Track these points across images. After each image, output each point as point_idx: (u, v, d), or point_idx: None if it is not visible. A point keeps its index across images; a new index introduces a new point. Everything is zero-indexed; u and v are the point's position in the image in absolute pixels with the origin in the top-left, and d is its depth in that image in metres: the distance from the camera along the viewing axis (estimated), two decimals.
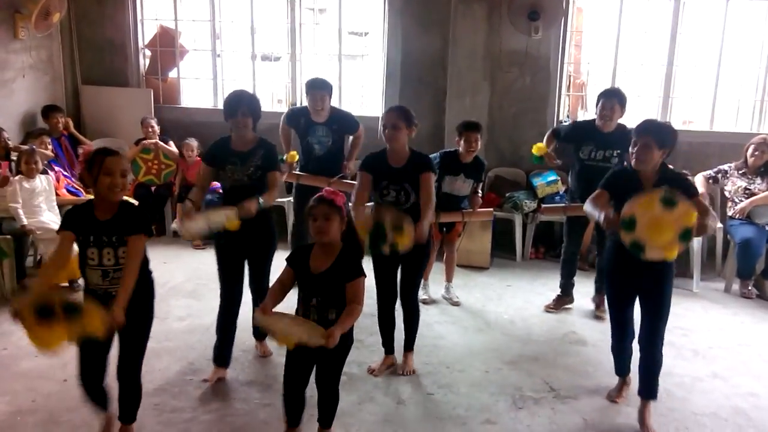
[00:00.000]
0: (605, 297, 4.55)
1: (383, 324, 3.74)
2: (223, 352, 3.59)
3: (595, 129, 4.45)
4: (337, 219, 2.59)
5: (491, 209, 4.90)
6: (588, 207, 3.13)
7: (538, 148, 4.60)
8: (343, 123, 4.93)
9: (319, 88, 4.74)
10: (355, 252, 2.67)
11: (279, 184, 3.55)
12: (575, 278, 4.78)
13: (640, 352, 3.23)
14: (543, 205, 5.29)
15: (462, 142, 4.44)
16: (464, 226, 4.95)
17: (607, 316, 3.48)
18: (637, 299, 3.22)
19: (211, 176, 3.56)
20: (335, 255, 2.62)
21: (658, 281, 3.10)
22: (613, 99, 4.35)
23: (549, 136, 4.78)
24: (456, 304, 4.83)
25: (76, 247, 2.65)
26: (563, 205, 4.56)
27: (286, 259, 2.73)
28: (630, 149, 3.07)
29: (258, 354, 3.87)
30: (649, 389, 3.21)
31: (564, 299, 4.77)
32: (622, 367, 3.47)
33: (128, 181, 2.65)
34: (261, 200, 3.28)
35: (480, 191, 4.72)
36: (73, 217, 2.64)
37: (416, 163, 3.46)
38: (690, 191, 2.98)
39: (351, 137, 5.11)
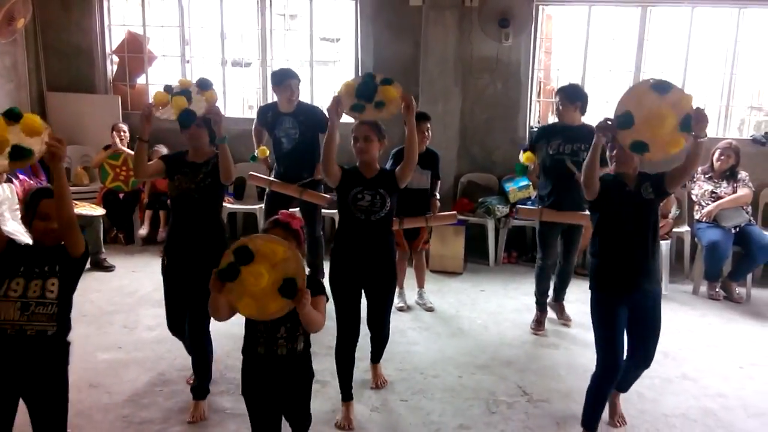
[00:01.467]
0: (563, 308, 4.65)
1: (342, 364, 3.27)
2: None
3: (560, 126, 4.48)
4: (292, 242, 2.35)
5: (454, 212, 4.85)
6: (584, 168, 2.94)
7: (528, 157, 4.55)
8: (310, 116, 4.84)
9: (291, 77, 4.76)
10: (316, 270, 2.56)
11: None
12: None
13: (628, 365, 3.09)
14: (519, 206, 5.30)
15: None
16: (429, 232, 4.94)
17: (572, 322, 3.38)
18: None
19: (157, 168, 3.37)
20: None
21: (654, 298, 3.02)
22: (559, 94, 4.42)
23: (528, 153, 4.62)
24: (430, 309, 4.83)
25: None
26: (540, 208, 4.54)
27: None
28: (608, 153, 3.03)
29: (224, 366, 3.79)
30: (626, 387, 3.30)
31: (542, 316, 4.62)
32: (592, 419, 3.05)
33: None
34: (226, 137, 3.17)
35: (437, 193, 4.70)
36: (15, 249, 2.40)
37: (389, 177, 3.28)
38: (663, 177, 2.96)
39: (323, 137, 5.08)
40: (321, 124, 4.67)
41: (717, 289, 5.31)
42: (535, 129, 5.73)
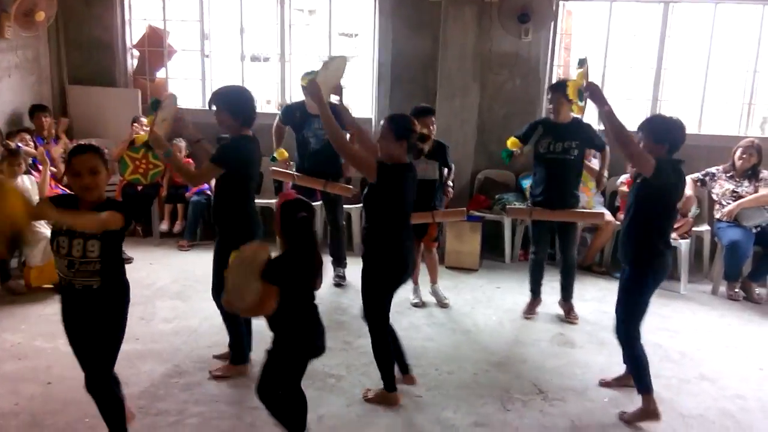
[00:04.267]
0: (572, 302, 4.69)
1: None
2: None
3: (550, 123, 4.49)
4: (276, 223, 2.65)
5: (463, 209, 4.82)
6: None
7: (513, 142, 4.56)
8: (339, 116, 4.88)
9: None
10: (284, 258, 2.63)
11: (205, 177, 3.59)
12: (577, 281, 4.77)
13: None
14: (507, 206, 5.29)
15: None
16: (439, 230, 4.90)
17: (579, 321, 4.15)
18: None
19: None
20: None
21: (626, 276, 3.31)
22: (557, 92, 4.37)
23: (513, 139, 4.67)
24: (445, 305, 4.81)
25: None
26: (529, 207, 4.60)
27: None
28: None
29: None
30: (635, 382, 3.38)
31: (535, 302, 4.74)
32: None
33: (103, 177, 2.57)
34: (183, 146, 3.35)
35: (451, 182, 4.70)
36: (57, 200, 2.57)
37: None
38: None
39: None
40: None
41: (736, 290, 5.24)
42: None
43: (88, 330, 2.63)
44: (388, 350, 3.37)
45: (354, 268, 4.49)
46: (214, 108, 3.44)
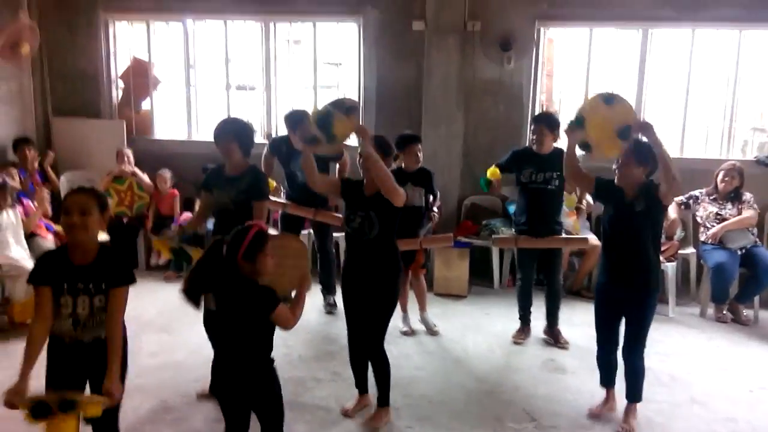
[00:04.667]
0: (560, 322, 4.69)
1: (354, 364, 3.61)
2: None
3: (532, 153, 4.56)
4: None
5: (450, 235, 4.84)
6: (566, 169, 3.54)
7: (492, 172, 4.63)
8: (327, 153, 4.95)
9: (297, 121, 4.80)
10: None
11: (263, 214, 3.55)
12: (563, 306, 4.81)
13: (624, 364, 3.46)
14: (493, 236, 5.31)
15: (403, 155, 4.50)
16: (426, 255, 4.90)
17: (570, 345, 3.86)
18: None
19: (209, 202, 3.66)
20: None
21: (641, 302, 3.34)
22: (540, 123, 4.49)
23: (494, 168, 4.75)
24: (434, 333, 4.78)
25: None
26: (515, 236, 4.66)
27: None
28: (613, 165, 3.34)
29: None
30: (632, 392, 3.46)
31: (525, 329, 4.78)
32: (607, 380, 3.61)
33: (94, 220, 2.44)
34: None
35: (436, 209, 4.70)
36: (46, 266, 2.46)
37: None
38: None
39: (336, 165, 5.15)
40: (335, 155, 4.93)
41: (724, 312, 5.27)
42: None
43: (96, 382, 2.50)
44: (351, 359, 3.59)
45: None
46: (219, 141, 3.49)
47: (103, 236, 5.25)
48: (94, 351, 2.48)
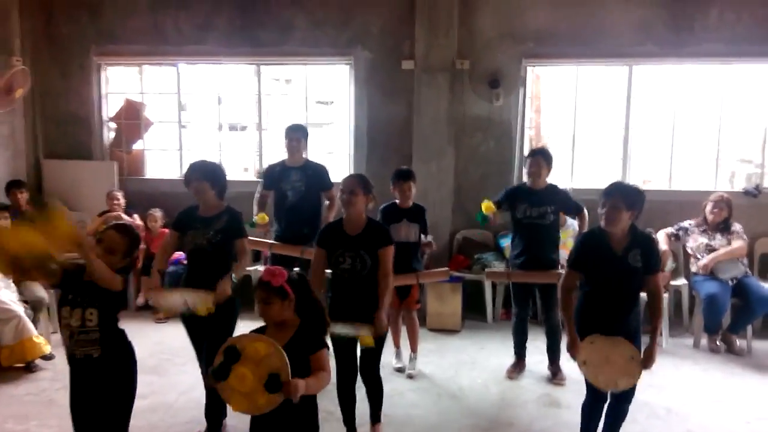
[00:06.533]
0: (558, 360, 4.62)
1: (343, 400, 3.58)
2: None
3: (526, 189, 4.61)
4: (276, 301, 2.44)
5: (446, 269, 4.86)
6: (561, 313, 3.46)
7: (487, 206, 4.64)
8: (318, 173, 5.05)
9: (294, 130, 4.98)
10: (315, 325, 2.52)
11: (247, 251, 3.55)
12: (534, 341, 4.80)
13: (610, 401, 3.27)
14: (486, 270, 5.31)
15: (396, 190, 4.59)
16: (420, 290, 4.88)
17: (566, 381, 3.52)
18: None
19: (175, 242, 3.62)
20: (292, 332, 2.48)
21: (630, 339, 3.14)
22: (538, 156, 4.55)
23: (488, 203, 4.70)
24: (410, 376, 4.65)
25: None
26: (507, 270, 4.67)
27: None
28: (599, 210, 3.15)
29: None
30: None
31: (519, 364, 4.75)
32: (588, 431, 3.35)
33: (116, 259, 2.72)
34: (233, 276, 3.31)
35: (430, 240, 4.68)
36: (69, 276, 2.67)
37: (374, 232, 3.44)
38: (652, 264, 3.11)
39: (326, 201, 5.17)
40: (327, 182, 5.08)
41: (718, 342, 5.26)
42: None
43: (93, 404, 2.64)
44: (340, 397, 3.59)
45: None
46: (191, 181, 3.48)
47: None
48: (85, 368, 2.65)
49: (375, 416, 3.65)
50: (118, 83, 7.06)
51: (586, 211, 4.66)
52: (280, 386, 2.20)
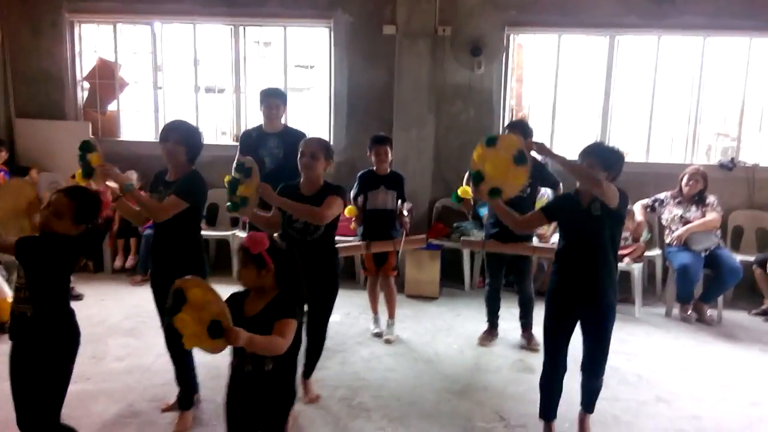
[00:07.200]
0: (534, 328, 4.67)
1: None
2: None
3: None
4: (252, 267, 2.39)
5: (423, 236, 4.87)
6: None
7: (464, 191, 4.59)
8: (297, 139, 4.82)
9: (272, 96, 4.76)
10: (291, 296, 2.47)
11: (168, 209, 3.22)
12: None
13: (582, 378, 3.27)
14: (462, 238, 5.35)
15: (373, 155, 4.56)
16: (398, 257, 4.89)
17: (542, 348, 3.55)
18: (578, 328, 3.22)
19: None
20: (268, 299, 2.44)
21: (603, 313, 3.13)
22: (515, 129, 4.47)
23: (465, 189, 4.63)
24: (388, 341, 4.69)
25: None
26: (482, 240, 4.68)
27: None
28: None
29: (200, 399, 3.70)
30: (589, 405, 3.34)
31: (492, 332, 4.79)
32: (548, 409, 3.32)
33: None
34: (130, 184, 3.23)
35: (406, 212, 4.67)
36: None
37: (328, 190, 3.43)
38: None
39: None
40: None
41: (689, 312, 5.37)
42: None
43: (24, 367, 2.53)
44: None
45: None
46: (167, 141, 3.33)
47: None
48: (17, 326, 2.58)
49: (308, 371, 3.68)
50: (92, 42, 6.87)
51: (561, 186, 4.66)
52: (222, 332, 2.19)
